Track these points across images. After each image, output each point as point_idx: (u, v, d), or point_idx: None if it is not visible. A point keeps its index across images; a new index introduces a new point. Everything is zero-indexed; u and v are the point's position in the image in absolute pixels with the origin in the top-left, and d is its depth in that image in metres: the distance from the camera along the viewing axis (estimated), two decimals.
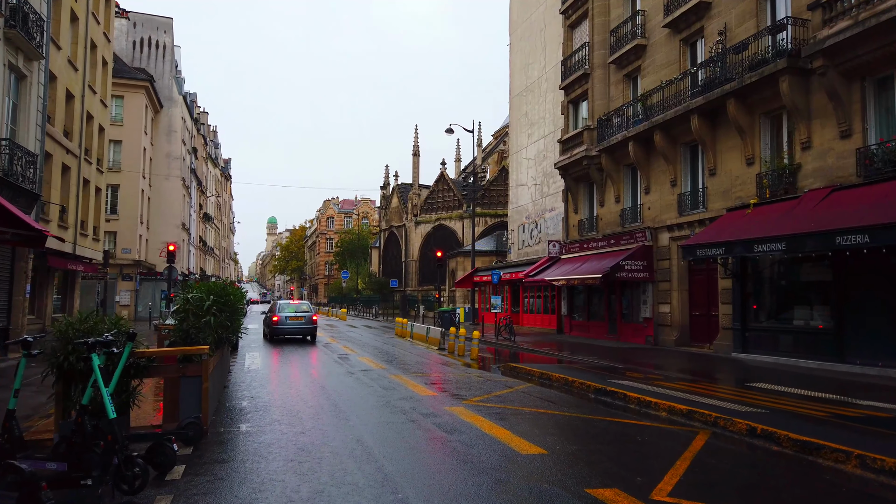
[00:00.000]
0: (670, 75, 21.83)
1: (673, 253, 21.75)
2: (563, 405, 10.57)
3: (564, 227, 29.68)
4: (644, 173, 23.33)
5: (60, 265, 26.31)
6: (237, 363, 16.55)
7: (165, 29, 51.87)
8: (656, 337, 22.24)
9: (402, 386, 12.31)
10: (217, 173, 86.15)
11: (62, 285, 30.18)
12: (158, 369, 7.93)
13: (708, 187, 20.22)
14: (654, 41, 23.16)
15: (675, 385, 12.13)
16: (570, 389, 12.25)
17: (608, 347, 21.72)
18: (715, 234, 17.82)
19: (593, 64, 26.48)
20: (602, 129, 25.32)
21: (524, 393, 11.83)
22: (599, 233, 26.26)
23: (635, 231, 23.29)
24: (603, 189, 26.25)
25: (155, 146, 49.49)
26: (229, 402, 10.40)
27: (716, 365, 16.72)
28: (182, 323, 8.54)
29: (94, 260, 31.73)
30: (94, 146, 29.94)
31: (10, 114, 17.34)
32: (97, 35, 29.71)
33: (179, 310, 8.84)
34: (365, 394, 11.37)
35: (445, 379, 13.61)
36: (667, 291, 21.91)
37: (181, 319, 8.62)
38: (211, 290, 9.11)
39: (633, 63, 24.40)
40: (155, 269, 48.64)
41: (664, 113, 21.17)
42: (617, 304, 24.95)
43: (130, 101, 44.29)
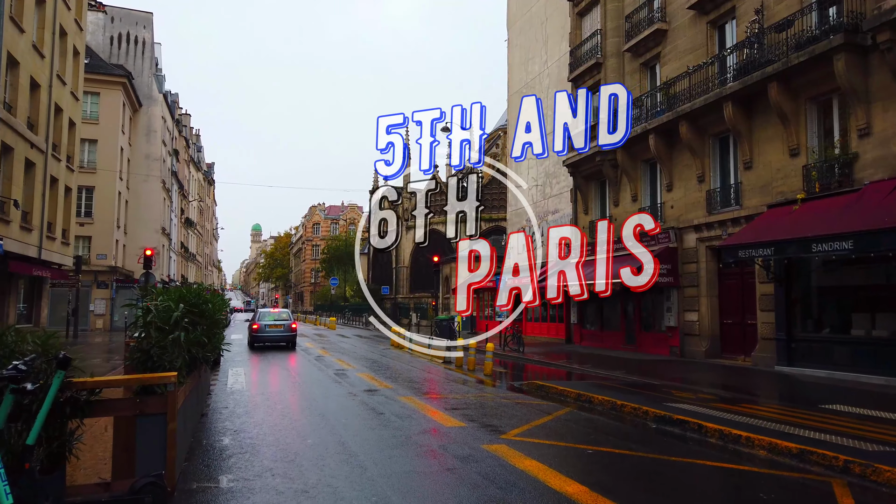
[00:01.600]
0: (696, 61, 19.93)
1: (701, 255, 19.79)
2: (623, 439, 8.51)
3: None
4: (666, 169, 21.39)
5: (24, 271, 23.92)
6: (218, 381, 14.32)
7: (145, 24, 49.43)
8: (682, 348, 20.24)
9: (418, 413, 10.17)
10: (200, 177, 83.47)
11: (28, 293, 27.71)
12: (106, 406, 5.76)
13: (742, 182, 18.29)
14: (677, 25, 21.27)
15: (740, 408, 10.12)
16: (619, 416, 10.17)
17: (630, 360, 19.70)
18: (759, 233, 15.86)
19: (606, 53, 24.56)
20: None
21: (568, 421, 9.74)
22: (614, 234, 24.22)
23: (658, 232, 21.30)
24: (617, 187, 24.29)
25: (133, 146, 46.98)
26: (207, 439, 8.22)
27: (765, 381, 14.74)
28: (142, 341, 6.37)
29: (64, 266, 29.30)
30: (63, 142, 27.56)
31: None
32: (67, 21, 27.40)
33: (139, 323, 6.68)
34: (376, 424, 9.23)
35: (467, 402, 11.49)
36: (694, 298, 19.94)
37: (141, 336, 6.46)
38: (182, 297, 6.95)
39: (652, 50, 22.50)
40: (133, 276, 45.98)
41: (692, 101, 19.24)
42: (635, 312, 22.94)
43: (107, 99, 41.81)
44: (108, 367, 17.18)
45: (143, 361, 6.24)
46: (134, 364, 6.48)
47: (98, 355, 21.01)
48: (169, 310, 6.56)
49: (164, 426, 5.91)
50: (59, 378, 5.08)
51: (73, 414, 5.45)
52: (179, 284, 60.94)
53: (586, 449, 7.76)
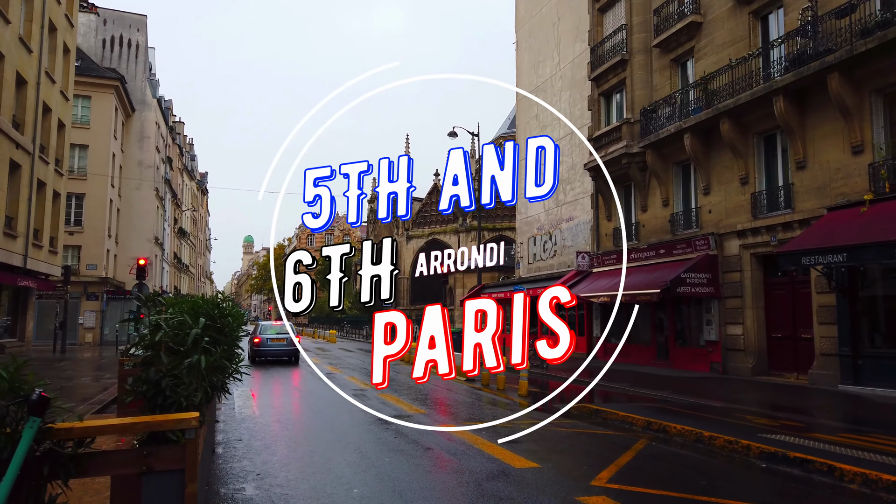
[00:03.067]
0: (736, 55, 18.51)
1: (745, 263, 18.27)
2: (738, 484, 6.91)
3: (594, 236, 26.17)
4: (702, 170, 19.90)
5: (7, 280, 22.16)
6: (224, 404, 12.60)
7: (139, 27, 47.81)
8: (724, 364, 18.66)
9: (472, 447, 8.53)
10: (193, 186, 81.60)
11: (12, 305, 25.89)
12: (100, 461, 4.11)
13: (795, 183, 16.80)
14: (714, 17, 19.86)
15: (845, 439, 8.55)
16: (710, 451, 8.56)
17: (669, 377, 18.11)
18: (825, 238, 14.34)
19: (632, 49, 23.14)
20: (647, 122, 21.91)
21: (655, 459, 8.12)
22: (642, 242, 22.74)
23: (693, 238, 19.79)
24: (645, 191, 22.78)
25: (125, 153, 45.25)
26: (225, 487, 6.55)
27: (842, 404, 13.16)
28: (148, 369, 4.72)
29: (52, 276, 27.51)
30: (51, 144, 25.86)
31: None
32: (57, 17, 25.78)
33: (145, 343, 5.03)
34: (428, 464, 7.60)
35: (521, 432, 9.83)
36: (738, 309, 18.39)
37: (147, 361, 4.80)
38: (198, 310, 5.30)
39: (685, 44, 21.08)
40: (124, 287, 44.12)
41: (735, 97, 17.78)
42: (669, 325, 21.35)
43: (98, 103, 40.14)
44: (97, 386, 15.44)
45: (152, 397, 4.58)
46: (137, 399, 4.81)
47: (87, 373, 19.24)
48: (185, 325, 4.91)
49: (180, 487, 4.26)
50: (31, 428, 3.46)
51: (53, 474, 3.82)
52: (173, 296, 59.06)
53: (711, 502, 6.13)
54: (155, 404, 4.59)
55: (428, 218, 59.61)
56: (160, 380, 4.60)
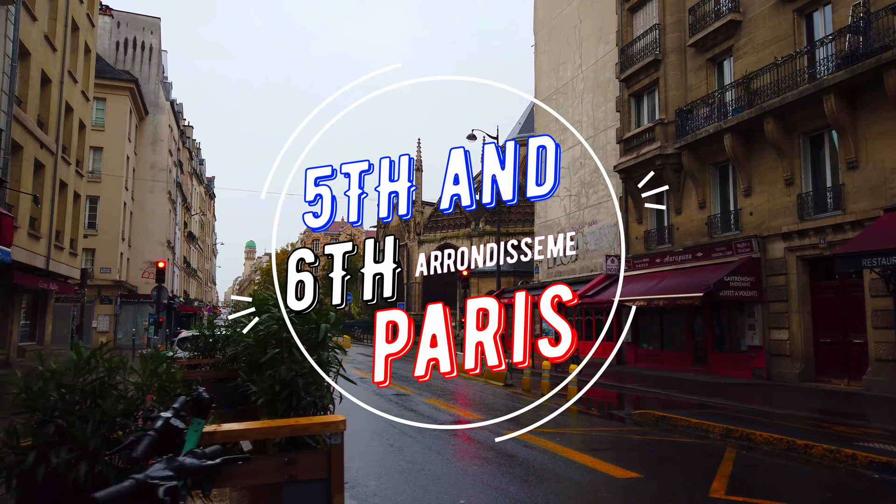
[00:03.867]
0: (778, 53, 18.12)
1: (791, 266, 17.82)
2: (856, 495, 6.46)
3: (624, 240, 25.65)
4: (743, 172, 19.47)
5: (30, 283, 21.72)
6: None
7: (152, 30, 47.55)
8: (769, 370, 18.19)
9: (559, 457, 8.06)
10: (202, 191, 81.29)
11: (31, 308, 25.48)
12: (241, 469, 3.66)
13: (846, 184, 16.37)
14: (754, 15, 19.48)
15: None
16: (806, 460, 8.10)
17: (713, 384, 17.64)
18: (886, 240, 13.88)
19: (666, 49, 22.76)
20: (682, 123, 21.51)
21: (758, 468, 7.65)
22: (677, 245, 22.29)
23: (734, 241, 19.35)
24: (680, 193, 22.35)
25: (139, 155, 44.89)
26: None
27: None
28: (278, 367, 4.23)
29: (71, 279, 27.11)
30: (73, 144, 25.49)
31: None
32: (79, 15, 25.46)
33: (260, 338, 4.57)
34: (524, 473, 7.14)
35: (600, 440, 9.40)
36: (783, 314, 17.93)
37: (275, 359, 4.32)
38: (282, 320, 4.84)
39: (722, 44, 20.70)
40: (137, 290, 43.79)
41: (781, 96, 17.37)
42: (706, 330, 20.87)
43: (113, 105, 39.82)
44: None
45: (286, 398, 4.11)
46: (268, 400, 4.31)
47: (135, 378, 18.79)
48: (309, 321, 4.44)
49: (325, 498, 3.82)
50: (196, 432, 3.05)
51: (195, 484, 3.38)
52: (183, 301, 58.59)
53: None
54: (288, 406, 4.15)
55: (440, 223, 59.24)
56: (294, 378, 4.16)
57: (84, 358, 3.30)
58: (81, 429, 3.05)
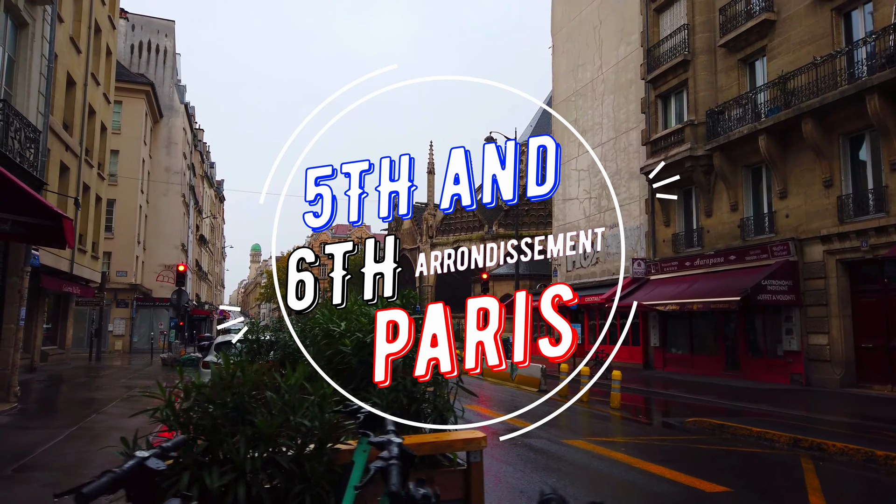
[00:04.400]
0: (816, 53, 17.82)
1: (830, 270, 17.51)
2: None
3: (650, 243, 25.40)
4: (779, 173, 19.17)
5: (54, 287, 21.57)
6: None
7: (167, 33, 47.51)
8: (807, 375, 17.87)
9: (636, 469, 7.78)
10: (212, 194, 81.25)
11: (53, 311, 25.32)
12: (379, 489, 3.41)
13: (889, 185, 16.06)
14: (789, 15, 19.20)
15: None
16: (889, 469, 7.81)
17: (752, 389, 17.34)
18: None
19: (695, 49, 22.48)
20: (713, 124, 21.22)
21: (844, 479, 7.37)
22: (707, 248, 21.98)
23: (770, 244, 19.04)
24: (710, 195, 22.05)
25: (153, 159, 44.78)
26: None
27: None
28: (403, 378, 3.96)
29: (91, 282, 26.93)
30: (95, 147, 25.34)
31: (6, 70, 12.80)
32: (102, 17, 25.33)
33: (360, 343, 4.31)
34: (611, 489, 6.86)
35: (662, 449, 9.12)
36: (822, 318, 17.61)
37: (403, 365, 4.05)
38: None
39: (755, 44, 20.41)
40: (151, 294, 43.66)
41: (822, 96, 17.08)
42: (740, 334, 20.54)
43: (129, 108, 39.71)
44: None
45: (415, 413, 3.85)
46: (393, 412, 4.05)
47: (133, 381, 18.59)
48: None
49: None
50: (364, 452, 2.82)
51: None
52: (195, 305, 58.42)
53: None
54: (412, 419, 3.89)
55: (453, 226, 59.00)
56: (421, 389, 3.91)
57: (228, 372, 3.07)
58: (232, 447, 2.81)
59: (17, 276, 12.15)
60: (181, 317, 29.70)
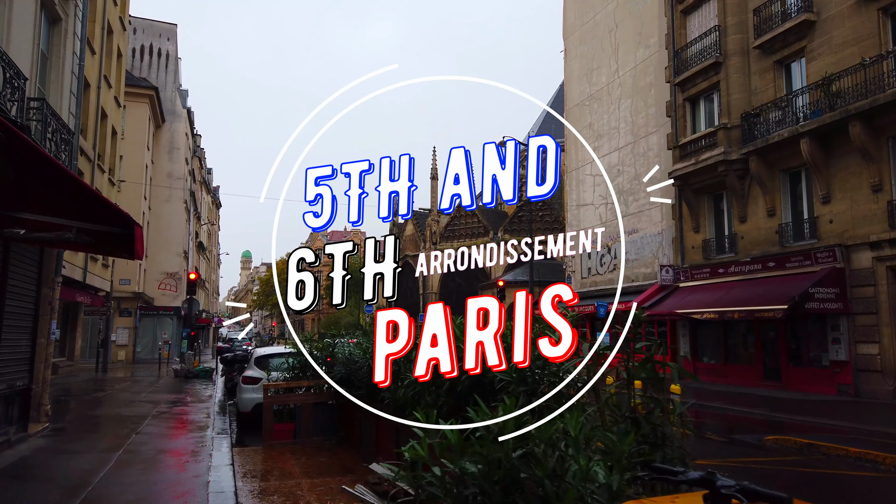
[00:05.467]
0: (861, 54, 17.36)
1: (880, 277, 16.99)
2: None
3: (678, 249, 24.82)
4: (821, 178, 18.66)
5: (68, 296, 20.77)
6: None
7: (169, 36, 46.65)
8: (856, 386, 17.32)
9: None
10: (209, 200, 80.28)
11: (62, 321, 24.43)
12: None
13: None
14: (830, 15, 18.73)
15: None
16: None
17: (796, 401, 16.76)
18: None
19: (727, 51, 21.99)
20: (749, 127, 20.71)
21: None
22: (742, 254, 21.42)
23: (814, 250, 18.51)
24: (745, 201, 21.50)
25: (155, 164, 43.88)
26: None
27: None
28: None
29: (101, 291, 26.10)
30: (107, 152, 24.55)
31: (39, 67, 12.07)
32: (114, 18, 24.59)
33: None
34: None
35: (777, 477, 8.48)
36: (872, 327, 17.08)
37: None
38: None
39: (793, 45, 19.93)
40: (154, 302, 42.73)
41: (872, 97, 16.58)
42: (780, 344, 19.97)
43: (133, 112, 38.75)
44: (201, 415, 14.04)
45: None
46: None
47: (155, 396, 17.80)
48: None
49: None
50: None
51: None
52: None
53: None
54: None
55: (457, 231, 58.40)
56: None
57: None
58: None
59: (48, 287, 11.39)
60: (193, 326, 28.81)
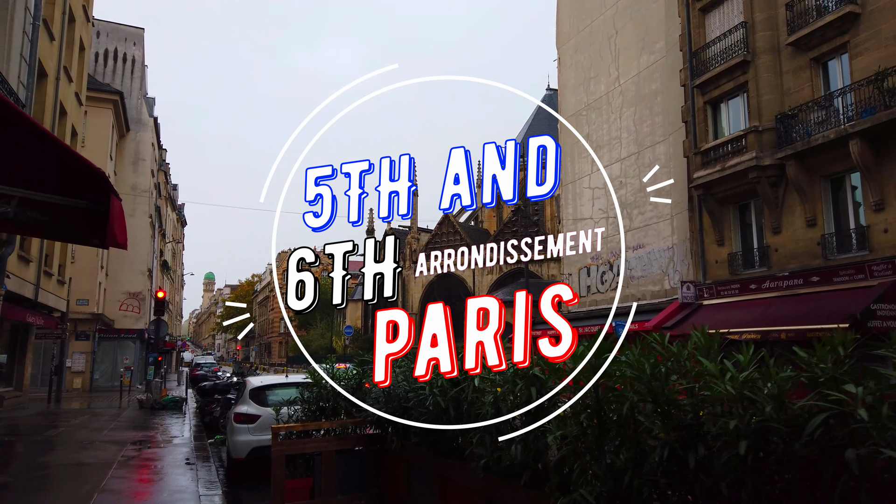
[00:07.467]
0: None
1: None
2: None
3: (699, 264, 22.90)
4: (873, 182, 16.94)
5: (17, 316, 17.88)
6: None
7: (135, 41, 43.91)
8: None
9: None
10: (174, 217, 76.66)
11: (9, 345, 21.38)
12: None
13: None
14: (878, 6, 17.17)
15: None
16: None
17: None
18: None
19: (756, 49, 20.33)
20: (785, 130, 19.00)
21: None
22: (777, 268, 19.57)
23: (868, 263, 16.72)
24: (779, 210, 19.71)
25: (118, 175, 40.81)
26: None
27: None
28: None
29: (55, 311, 23.11)
30: None
31: None
32: (76, 5, 21.97)
33: None
34: None
35: None
36: None
37: None
38: None
39: (833, 40, 18.32)
40: (114, 324, 39.48)
41: None
42: None
43: (95, 119, 35.82)
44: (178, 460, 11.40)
45: None
46: None
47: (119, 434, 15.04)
48: None
49: None
50: None
51: None
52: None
53: None
54: None
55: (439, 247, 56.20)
56: None
57: None
58: None
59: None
60: (160, 350, 25.89)
